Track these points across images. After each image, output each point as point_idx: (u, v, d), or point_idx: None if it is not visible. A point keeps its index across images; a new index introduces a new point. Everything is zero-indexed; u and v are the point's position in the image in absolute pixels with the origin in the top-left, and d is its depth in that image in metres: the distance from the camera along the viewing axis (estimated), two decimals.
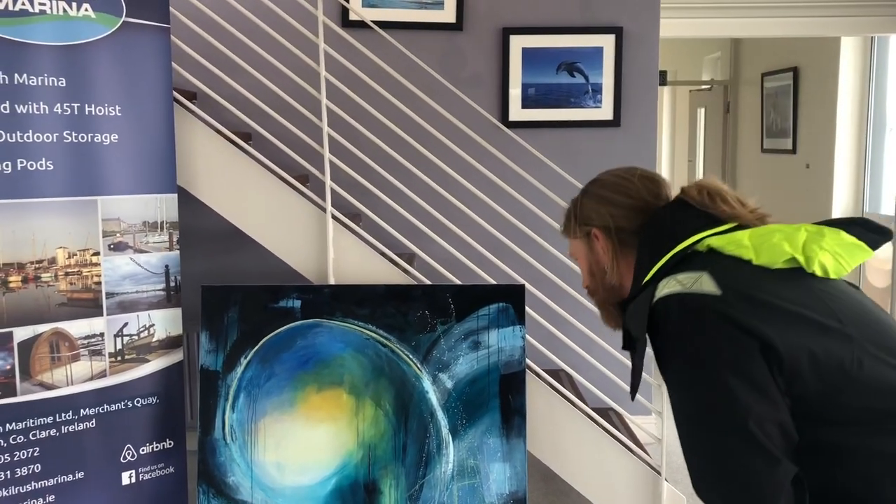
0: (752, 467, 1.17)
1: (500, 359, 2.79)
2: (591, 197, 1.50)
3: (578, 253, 1.54)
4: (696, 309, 1.25)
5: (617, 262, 1.47)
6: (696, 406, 1.23)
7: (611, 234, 1.46)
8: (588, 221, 1.48)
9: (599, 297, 1.55)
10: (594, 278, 1.53)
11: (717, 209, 1.39)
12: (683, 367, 1.26)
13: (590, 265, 1.52)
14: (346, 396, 2.81)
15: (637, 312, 1.33)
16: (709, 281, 1.26)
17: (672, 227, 1.39)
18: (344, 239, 2.96)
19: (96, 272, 2.76)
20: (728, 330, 1.20)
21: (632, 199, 1.45)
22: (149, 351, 2.89)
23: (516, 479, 2.76)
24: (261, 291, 2.84)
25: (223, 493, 2.78)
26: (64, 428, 2.70)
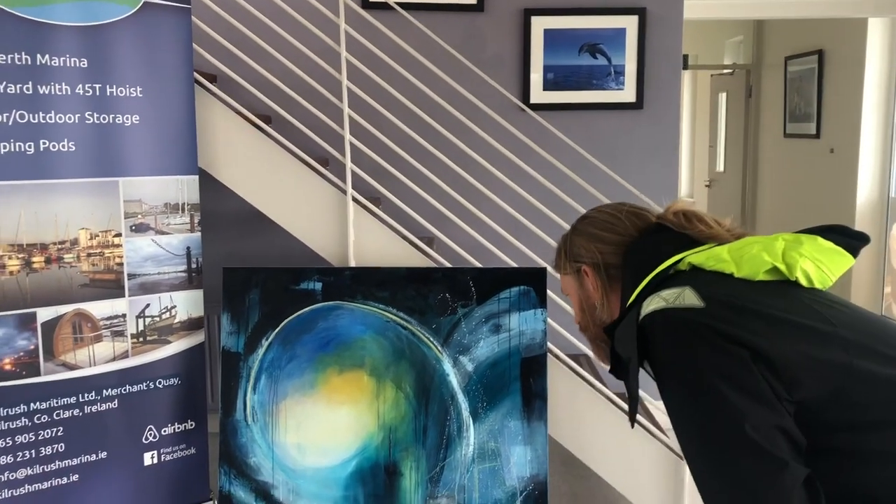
0: (757, 473, 1.15)
1: (521, 342, 2.77)
2: (580, 234, 1.53)
3: (569, 289, 1.57)
4: (682, 323, 1.25)
5: (607, 297, 1.49)
6: (693, 420, 1.23)
7: (599, 271, 1.49)
8: (578, 258, 1.51)
9: (591, 333, 1.58)
10: (585, 314, 1.57)
11: (694, 230, 1.41)
12: (675, 382, 1.26)
13: (581, 301, 1.55)
14: (367, 378, 2.81)
15: (624, 333, 1.34)
16: (692, 294, 1.26)
17: (653, 250, 1.41)
18: (364, 221, 2.94)
19: (118, 253, 2.77)
20: (715, 341, 1.20)
21: (619, 236, 1.48)
22: (170, 332, 2.90)
23: (537, 463, 2.75)
24: (282, 273, 2.84)
25: (244, 474, 2.79)
26: (87, 408, 2.72)
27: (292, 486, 2.78)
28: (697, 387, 1.21)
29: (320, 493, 2.78)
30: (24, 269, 2.58)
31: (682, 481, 2.79)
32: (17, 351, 2.57)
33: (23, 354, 2.59)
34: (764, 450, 1.14)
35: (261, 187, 2.96)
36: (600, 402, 2.84)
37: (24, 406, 2.59)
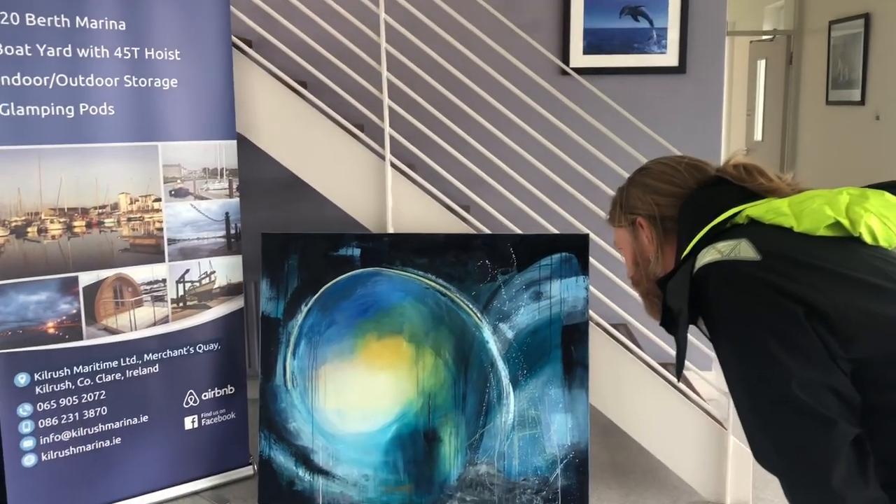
0: (805, 432, 1.13)
1: (562, 309, 2.73)
2: (637, 186, 1.49)
3: (623, 242, 1.53)
4: (736, 276, 1.21)
5: (661, 250, 1.46)
6: (743, 376, 1.21)
7: (655, 223, 1.45)
8: (633, 210, 1.48)
9: (643, 288, 1.53)
10: (638, 268, 1.52)
11: (754, 183, 1.37)
12: (726, 337, 1.23)
13: (634, 255, 1.51)
14: (406, 345, 2.79)
15: (677, 285, 1.31)
16: (748, 247, 1.23)
17: (710, 203, 1.37)
18: (402, 187, 2.91)
19: (158, 218, 2.76)
20: (769, 296, 1.16)
21: (677, 188, 1.44)
22: (210, 298, 2.90)
23: (578, 430, 2.72)
24: (321, 239, 2.82)
25: (284, 439, 2.80)
26: (129, 372, 2.74)
27: (332, 450, 2.79)
28: (748, 342, 1.19)
29: (360, 459, 2.78)
30: (65, 233, 2.59)
31: (726, 450, 2.75)
32: (59, 315, 2.59)
33: (65, 318, 2.60)
34: (811, 408, 1.12)
35: (298, 152, 2.93)
36: (642, 371, 2.80)
37: (68, 369, 2.62)
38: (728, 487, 2.75)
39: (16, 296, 2.51)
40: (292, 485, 2.79)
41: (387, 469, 2.78)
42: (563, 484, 2.72)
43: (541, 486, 2.73)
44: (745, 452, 2.75)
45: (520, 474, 2.74)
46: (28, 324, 2.53)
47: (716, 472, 2.78)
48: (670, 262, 1.46)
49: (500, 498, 2.74)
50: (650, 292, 1.51)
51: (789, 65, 7.17)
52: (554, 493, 2.73)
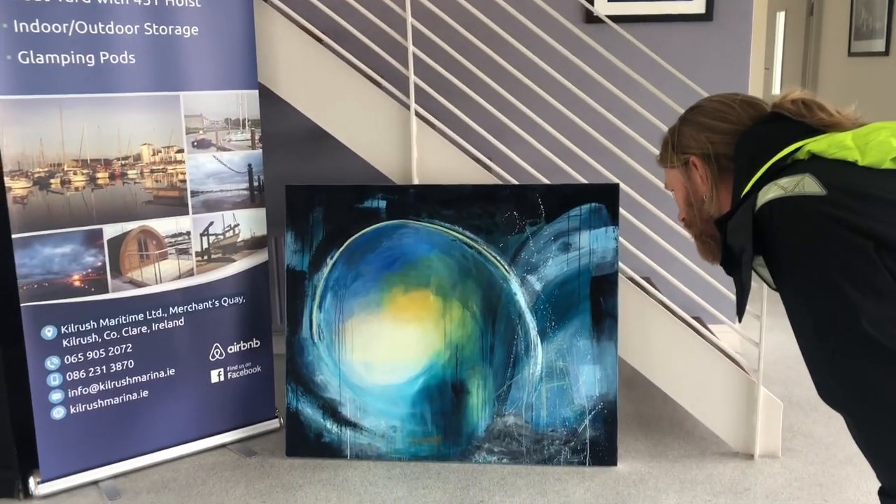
0: (874, 370, 1.11)
1: (591, 261, 2.70)
2: (690, 124, 1.44)
3: (675, 183, 1.50)
4: (801, 212, 1.18)
5: (716, 190, 1.42)
6: (809, 313, 1.18)
7: (710, 162, 1.41)
8: (686, 149, 1.43)
9: (697, 229, 1.50)
10: (691, 209, 1.49)
11: (814, 118, 1.32)
12: (791, 274, 1.20)
13: (687, 196, 1.47)
14: (433, 298, 2.76)
15: (739, 223, 1.28)
16: (812, 182, 1.19)
17: (769, 139, 1.33)
18: (428, 138, 2.86)
19: (181, 170, 2.72)
20: (836, 231, 1.14)
21: (732, 125, 1.39)
22: (234, 251, 2.88)
23: (607, 382, 2.70)
24: (345, 191, 2.78)
25: (311, 392, 2.79)
26: (154, 325, 2.73)
27: (359, 403, 2.78)
28: (814, 279, 1.16)
29: (387, 410, 2.78)
30: (88, 184, 2.55)
31: (755, 401, 2.73)
32: (85, 267, 2.57)
33: (91, 271, 2.58)
34: (882, 345, 1.09)
35: (321, 102, 2.87)
36: (671, 323, 2.77)
37: (94, 322, 2.60)
38: (757, 438, 2.74)
39: (41, 248, 2.48)
40: (320, 437, 2.80)
41: (414, 421, 2.77)
42: (592, 435, 2.72)
43: (569, 437, 2.73)
44: (775, 403, 2.74)
45: (548, 425, 2.73)
46: (54, 276, 2.51)
47: (745, 423, 2.77)
48: (725, 202, 1.42)
49: (528, 449, 2.74)
50: (704, 233, 1.48)
51: (810, 16, 7.02)
52: (582, 443, 2.72)
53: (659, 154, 1.52)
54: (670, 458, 2.78)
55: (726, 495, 2.52)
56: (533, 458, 2.74)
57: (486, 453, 2.75)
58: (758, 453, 2.76)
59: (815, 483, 2.59)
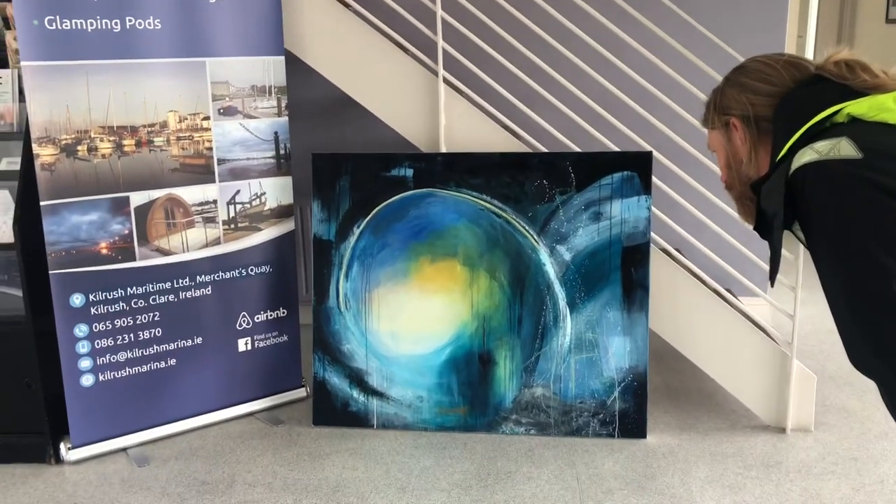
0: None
1: (622, 230, 2.65)
2: (732, 85, 1.41)
3: (716, 145, 1.47)
4: (835, 176, 1.16)
5: (755, 152, 1.39)
6: (841, 277, 1.16)
7: (749, 124, 1.38)
8: (727, 111, 1.40)
9: (736, 191, 1.47)
10: (731, 171, 1.46)
11: (857, 80, 1.28)
12: (823, 238, 1.18)
13: (727, 157, 1.45)
14: (461, 268, 2.73)
15: (772, 187, 1.26)
16: (848, 145, 1.16)
17: (808, 101, 1.29)
18: (456, 105, 2.81)
19: (207, 137, 2.70)
20: (869, 194, 1.12)
21: (774, 87, 1.35)
22: (261, 220, 2.86)
23: (637, 353, 2.67)
24: (372, 160, 2.74)
25: (338, 361, 2.78)
26: (182, 294, 2.72)
27: (386, 372, 2.77)
28: (846, 243, 1.14)
29: (414, 380, 2.76)
30: (115, 151, 2.54)
31: (788, 375, 2.68)
32: (112, 235, 2.56)
33: (118, 239, 2.57)
34: None
35: (348, 69, 2.83)
36: (703, 294, 2.72)
37: (122, 290, 2.60)
38: (790, 412, 2.70)
39: (69, 216, 2.47)
40: (347, 406, 2.79)
41: (441, 391, 2.76)
42: (621, 407, 2.69)
43: (598, 409, 2.70)
44: (809, 376, 2.69)
45: (576, 397, 2.70)
46: (81, 244, 2.51)
47: (777, 396, 2.72)
48: (764, 165, 1.39)
49: (556, 420, 2.72)
50: (743, 196, 1.45)
51: None
52: (611, 415, 2.69)
53: (703, 114, 1.48)
54: (700, 431, 2.75)
55: (758, 469, 2.48)
56: (561, 429, 2.72)
57: (513, 424, 2.74)
58: (790, 427, 2.72)
59: (849, 458, 2.55)
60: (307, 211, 3.65)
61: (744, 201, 1.46)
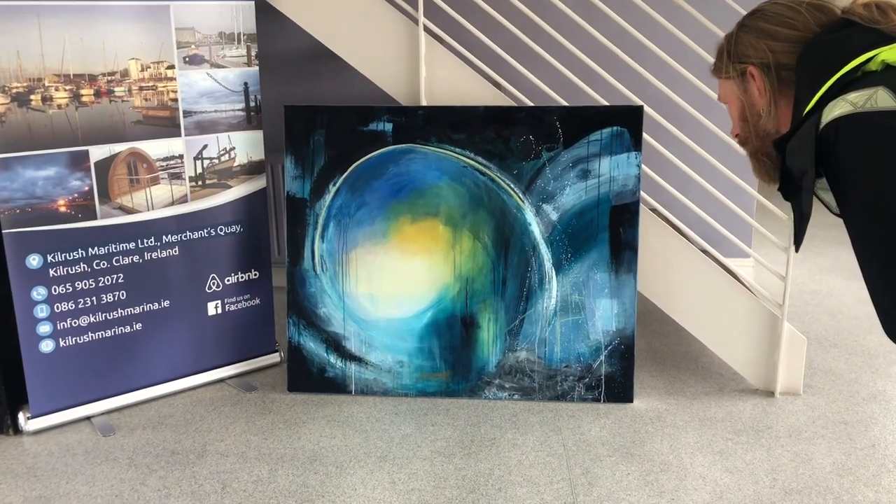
0: None
1: (611, 189, 2.54)
2: (749, 30, 1.29)
3: (729, 96, 1.35)
4: (873, 129, 1.05)
5: (775, 104, 1.28)
6: (878, 242, 1.07)
7: (769, 72, 1.26)
8: (744, 58, 1.28)
9: (752, 147, 1.36)
10: (746, 124, 1.34)
11: (890, 24, 1.17)
12: (860, 198, 1.09)
13: (742, 109, 1.33)
14: (443, 228, 2.61)
15: (800, 144, 1.14)
16: (886, 95, 1.06)
17: (837, 48, 1.18)
18: (437, 55, 2.66)
19: (172, 88, 2.53)
20: None
21: (796, 32, 1.24)
22: (230, 176, 2.70)
23: (624, 316, 2.58)
24: (349, 112, 2.59)
25: (314, 325, 2.66)
26: (147, 255, 2.57)
27: (364, 337, 2.65)
28: (885, 203, 1.04)
29: (394, 345, 2.65)
30: (72, 102, 2.36)
31: (778, 337, 2.61)
32: (70, 192, 2.39)
33: (77, 196, 2.41)
34: None
35: (322, 17, 2.66)
36: (693, 255, 2.63)
37: (82, 251, 2.44)
38: (779, 375, 2.64)
39: (22, 170, 2.30)
40: (323, 372, 2.67)
41: (422, 356, 2.65)
42: (607, 371, 2.61)
43: (583, 373, 2.61)
44: (799, 339, 2.62)
45: (561, 361, 2.62)
46: (37, 202, 2.34)
47: (766, 359, 2.66)
48: (785, 118, 1.28)
49: (541, 385, 2.63)
50: (759, 151, 1.34)
51: None
52: (597, 379, 2.61)
53: (714, 63, 1.36)
54: (687, 395, 2.68)
55: (747, 433, 2.43)
56: (545, 394, 2.63)
57: (496, 389, 2.64)
58: (779, 390, 2.66)
59: (839, 421, 2.50)
60: (279, 167, 3.49)
61: (759, 157, 1.35)
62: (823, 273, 3.96)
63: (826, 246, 4.47)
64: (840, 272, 3.98)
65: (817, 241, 4.55)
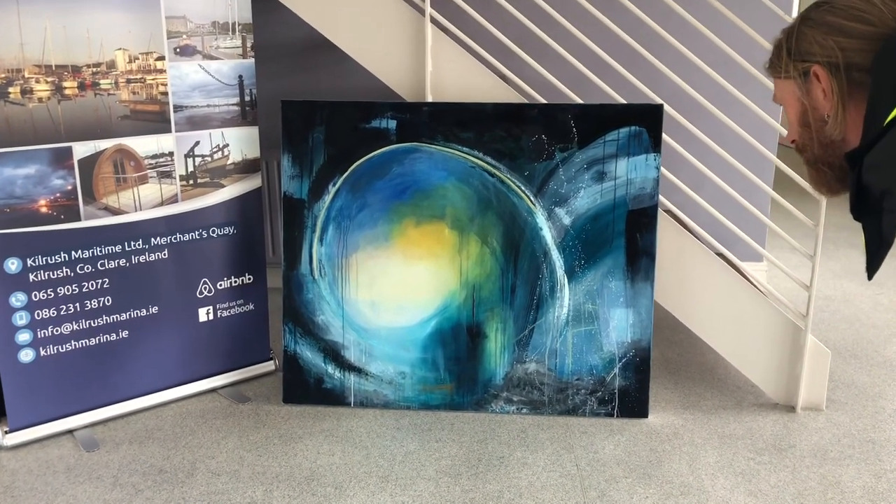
0: None
1: (628, 192, 2.40)
2: (814, 25, 1.14)
3: (788, 97, 1.20)
4: None
5: (843, 108, 1.13)
6: None
7: (838, 73, 1.12)
8: (807, 57, 1.14)
9: (811, 154, 1.21)
10: (808, 130, 1.19)
11: None
12: None
13: (803, 113, 1.18)
14: (449, 231, 2.46)
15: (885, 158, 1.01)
16: None
17: None
18: (445, 48, 2.51)
19: (161, 80, 2.37)
20: None
21: (872, 28, 1.09)
22: (224, 175, 2.55)
23: (640, 327, 2.44)
24: (350, 108, 2.44)
25: (311, 333, 2.51)
26: (134, 258, 2.41)
27: (365, 346, 2.51)
28: None
29: (396, 355, 2.51)
30: (54, 95, 2.20)
31: (801, 350, 2.48)
32: (52, 191, 2.24)
33: (59, 196, 2.25)
34: None
35: (323, 6, 2.51)
36: (711, 262, 2.49)
37: (65, 254, 2.29)
38: (801, 389, 2.51)
39: (1, 168, 2.14)
40: (321, 382, 2.53)
41: (426, 366, 2.51)
42: (621, 384, 2.47)
43: (596, 387, 2.48)
44: (823, 352, 2.49)
45: (573, 373, 2.48)
46: (16, 202, 2.18)
47: (788, 372, 2.53)
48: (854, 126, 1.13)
49: (551, 398, 2.49)
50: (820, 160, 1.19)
51: None
52: (610, 393, 2.48)
53: (769, 60, 1.21)
54: (704, 409, 2.55)
55: (770, 452, 2.29)
56: (555, 408, 2.49)
57: (503, 402, 2.51)
58: (800, 406, 2.53)
59: (866, 440, 2.37)
60: (276, 166, 3.33)
61: (820, 167, 1.20)
62: (836, 278, 3.83)
63: (837, 249, 4.35)
64: (854, 277, 3.86)
65: (827, 244, 4.42)
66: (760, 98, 3.16)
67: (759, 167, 3.30)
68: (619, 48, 2.52)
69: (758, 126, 3.22)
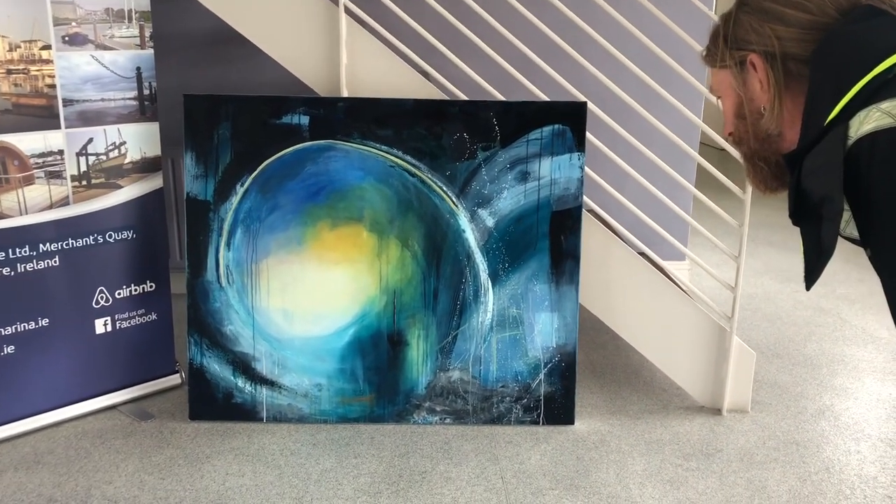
0: None
1: (552, 192, 2.32)
2: (751, 12, 1.08)
3: (724, 88, 1.14)
4: None
5: (780, 101, 1.07)
6: None
7: (774, 63, 1.06)
8: (744, 45, 1.08)
9: (748, 148, 1.15)
10: (743, 122, 1.13)
11: None
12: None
13: (739, 105, 1.12)
14: (367, 234, 2.33)
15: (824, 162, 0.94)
16: None
17: (865, 42, 0.98)
18: (360, 41, 2.37)
19: (48, 72, 2.16)
20: None
21: (811, 16, 1.03)
22: (121, 175, 2.35)
23: (565, 331, 2.36)
24: (259, 103, 2.28)
25: (219, 344, 2.34)
26: (20, 266, 2.20)
27: (277, 357, 2.36)
28: None
29: (311, 366, 2.36)
30: None
31: (726, 352, 2.45)
32: None
33: None
34: None
35: None
36: (636, 263, 2.44)
37: None
38: (727, 392, 2.48)
39: None
40: (230, 397, 2.37)
41: (343, 378, 2.37)
42: (547, 390, 2.39)
43: (521, 394, 2.39)
44: (748, 353, 2.47)
45: (498, 380, 2.39)
46: None
47: (713, 375, 2.50)
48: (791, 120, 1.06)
49: (475, 407, 2.40)
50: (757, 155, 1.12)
51: None
52: (536, 400, 2.39)
53: (705, 48, 1.13)
54: (631, 414, 2.49)
55: (697, 458, 2.25)
56: (480, 417, 2.40)
57: (426, 413, 2.39)
58: (726, 408, 2.51)
59: (790, 441, 2.35)
60: (179, 164, 3.13)
61: (756, 162, 1.13)
62: (757, 275, 3.87)
63: (756, 247, 4.40)
64: (773, 274, 3.90)
65: (748, 242, 4.47)
66: (684, 95, 3.14)
67: (682, 166, 3.29)
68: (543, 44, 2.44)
69: (681, 124, 3.20)
